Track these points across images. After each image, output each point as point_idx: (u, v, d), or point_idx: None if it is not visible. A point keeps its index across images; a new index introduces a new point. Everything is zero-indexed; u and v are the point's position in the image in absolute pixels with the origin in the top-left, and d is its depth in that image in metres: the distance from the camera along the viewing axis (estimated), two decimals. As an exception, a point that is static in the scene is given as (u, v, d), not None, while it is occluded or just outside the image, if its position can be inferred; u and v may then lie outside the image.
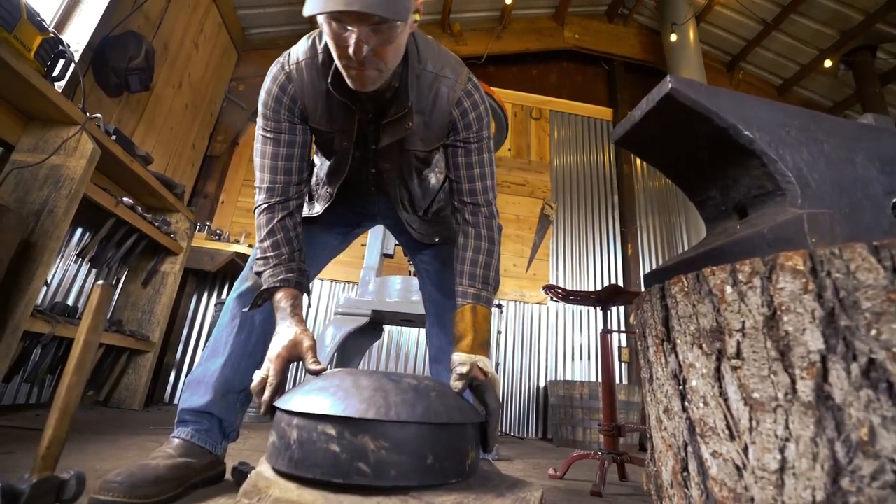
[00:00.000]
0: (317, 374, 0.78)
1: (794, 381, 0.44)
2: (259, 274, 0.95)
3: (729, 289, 0.51)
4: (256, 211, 1.01)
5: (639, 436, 3.14)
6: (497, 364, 3.65)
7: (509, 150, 4.46)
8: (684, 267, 0.71)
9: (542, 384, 3.70)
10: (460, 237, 1.02)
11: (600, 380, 3.64)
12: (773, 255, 0.48)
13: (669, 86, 0.65)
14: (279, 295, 0.91)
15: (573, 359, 3.84)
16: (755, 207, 0.70)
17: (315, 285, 3.69)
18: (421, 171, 1.13)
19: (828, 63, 4.69)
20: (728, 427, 0.49)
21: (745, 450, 0.47)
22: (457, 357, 0.84)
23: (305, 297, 0.98)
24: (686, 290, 0.56)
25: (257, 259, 0.97)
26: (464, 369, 0.81)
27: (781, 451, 0.44)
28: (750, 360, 0.48)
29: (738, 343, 0.49)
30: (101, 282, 0.76)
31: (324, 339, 2.19)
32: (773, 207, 0.66)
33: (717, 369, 0.51)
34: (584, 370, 3.82)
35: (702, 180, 0.78)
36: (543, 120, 4.69)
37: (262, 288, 0.94)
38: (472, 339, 0.88)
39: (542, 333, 3.87)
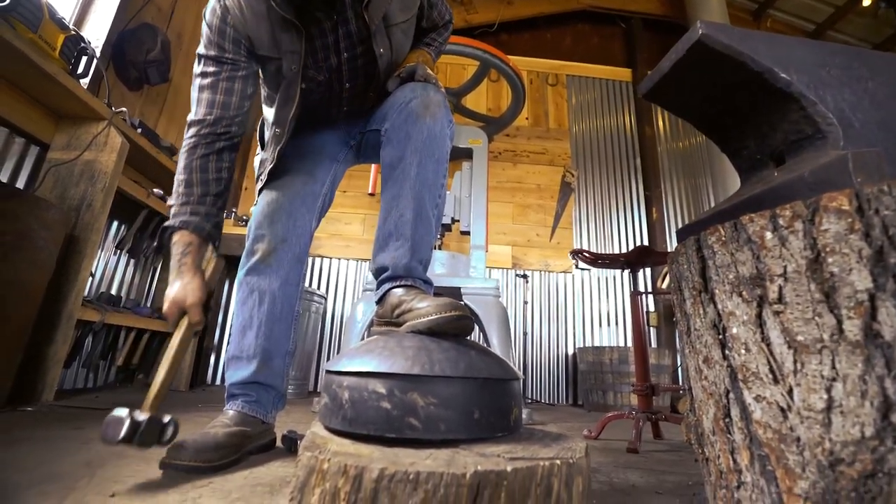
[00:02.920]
0: (198, 325, 0.92)
1: (840, 322, 0.44)
2: (170, 209, 0.99)
3: (769, 234, 0.50)
4: (182, 146, 1.01)
5: (670, 398, 3.15)
6: (525, 333, 3.68)
7: (527, 118, 4.36)
8: (719, 218, 0.70)
9: (570, 351, 3.72)
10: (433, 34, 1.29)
11: (630, 343, 3.66)
12: (816, 197, 0.47)
13: (700, 31, 0.63)
14: (175, 238, 0.96)
15: (601, 325, 3.84)
16: (793, 154, 0.68)
17: (342, 264, 3.76)
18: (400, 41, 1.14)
19: (866, 1, 4.37)
20: (771, 371, 0.49)
21: (790, 392, 0.47)
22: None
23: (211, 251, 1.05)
24: (723, 239, 0.55)
25: (172, 193, 1.00)
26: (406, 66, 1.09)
27: (828, 390, 0.44)
28: (793, 304, 0.48)
29: (780, 288, 0.49)
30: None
31: (355, 316, 2.24)
32: (814, 152, 0.64)
33: (759, 315, 0.51)
34: (613, 336, 3.82)
35: (736, 130, 0.76)
36: (560, 85, 4.56)
37: (163, 226, 0.98)
38: (415, 59, 1.13)
39: (569, 301, 3.87)
